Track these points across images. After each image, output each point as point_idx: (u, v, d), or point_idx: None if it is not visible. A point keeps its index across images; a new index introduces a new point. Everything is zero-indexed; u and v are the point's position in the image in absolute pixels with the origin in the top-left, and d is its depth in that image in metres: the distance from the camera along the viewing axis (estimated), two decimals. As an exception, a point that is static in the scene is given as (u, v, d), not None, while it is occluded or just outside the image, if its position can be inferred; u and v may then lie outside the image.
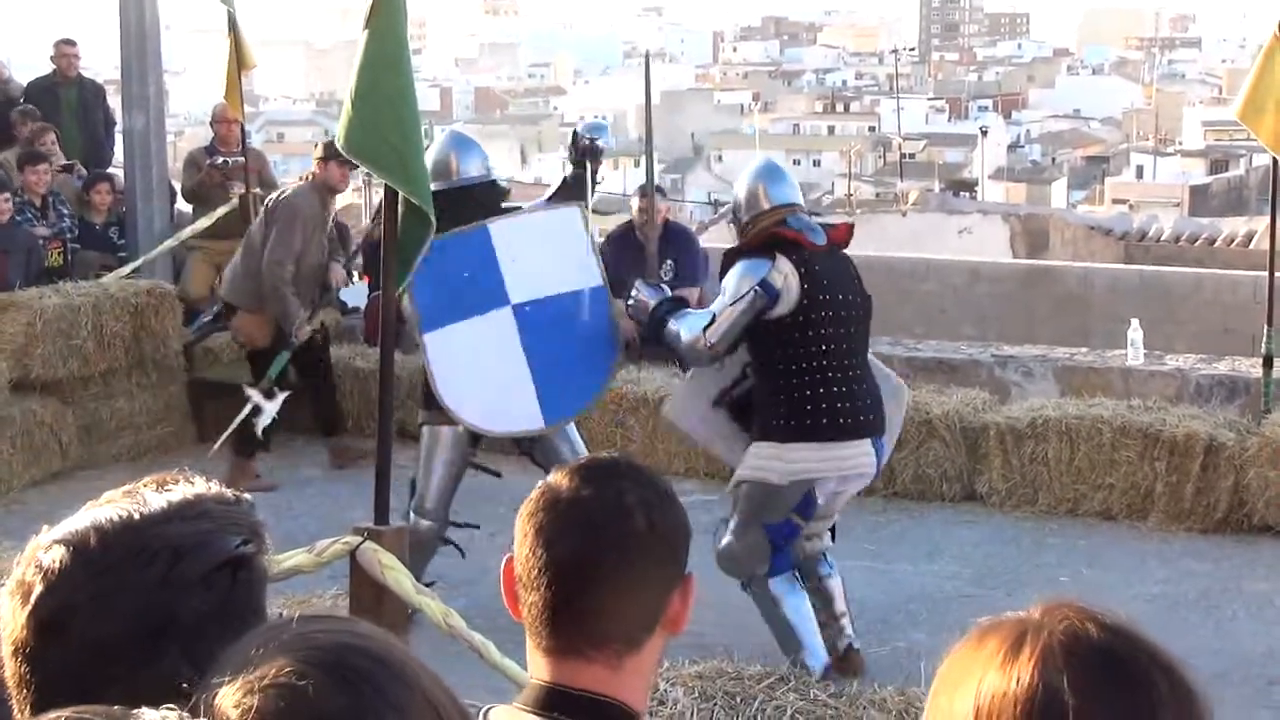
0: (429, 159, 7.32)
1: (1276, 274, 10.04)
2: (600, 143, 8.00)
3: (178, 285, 12.16)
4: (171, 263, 12.93)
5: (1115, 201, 44.24)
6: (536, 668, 2.26)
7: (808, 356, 6.88)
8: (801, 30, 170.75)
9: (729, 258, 7.08)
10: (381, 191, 5.83)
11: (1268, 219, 10.44)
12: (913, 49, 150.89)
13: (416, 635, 5.67)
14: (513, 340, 7.37)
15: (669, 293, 7.52)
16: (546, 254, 7.50)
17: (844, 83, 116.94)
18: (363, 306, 12.15)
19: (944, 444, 9.84)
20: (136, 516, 1.76)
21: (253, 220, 12.47)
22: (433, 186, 7.15)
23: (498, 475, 8.03)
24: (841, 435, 6.91)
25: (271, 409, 9.62)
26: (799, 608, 7.12)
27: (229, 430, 9.91)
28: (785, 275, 6.84)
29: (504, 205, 8.07)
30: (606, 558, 2.21)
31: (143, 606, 1.71)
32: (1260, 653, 7.59)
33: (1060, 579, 8.51)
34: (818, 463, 6.93)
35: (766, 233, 7.00)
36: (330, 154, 9.84)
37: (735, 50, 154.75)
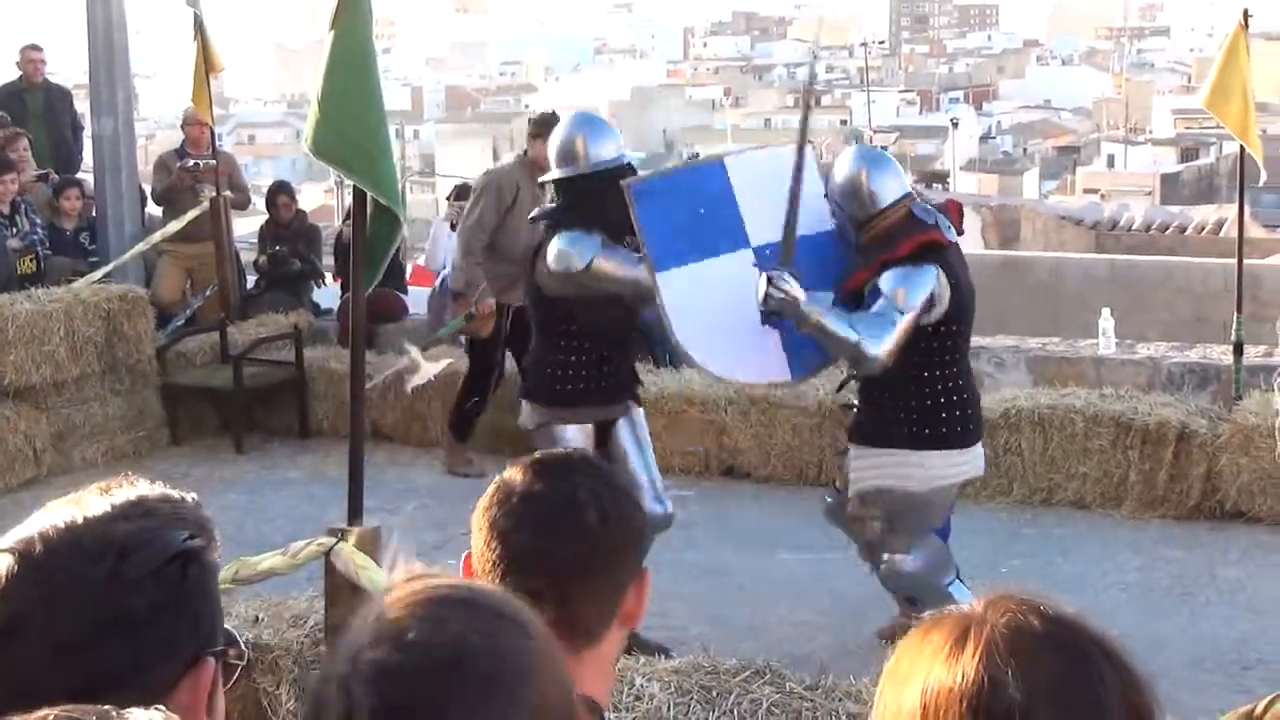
0: (553, 143, 7.18)
1: (1245, 261, 10.11)
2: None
3: (149, 289, 12.14)
4: (143, 267, 12.91)
5: (1087, 191, 44.37)
6: None
7: (944, 364, 6.76)
8: (772, 25, 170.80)
9: (884, 266, 6.62)
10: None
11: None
12: (883, 42, 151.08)
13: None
14: (755, 284, 6.60)
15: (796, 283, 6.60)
16: (782, 195, 6.73)
17: (815, 76, 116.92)
18: (335, 308, 12.15)
19: (918, 436, 9.85)
20: (80, 520, 1.79)
21: (223, 223, 12.48)
22: (557, 174, 7.12)
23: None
24: (970, 441, 6.86)
25: (427, 371, 9.55)
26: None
27: (380, 378, 9.92)
28: (943, 286, 6.62)
29: None
30: (559, 553, 2.25)
31: (93, 605, 1.73)
32: (1234, 638, 7.63)
33: (1002, 570, 8.53)
34: (954, 468, 6.85)
35: (920, 240, 6.63)
36: (541, 130, 9.05)
37: (706, 45, 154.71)
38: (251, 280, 13.73)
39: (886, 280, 6.59)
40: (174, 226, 12.54)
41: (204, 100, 12.60)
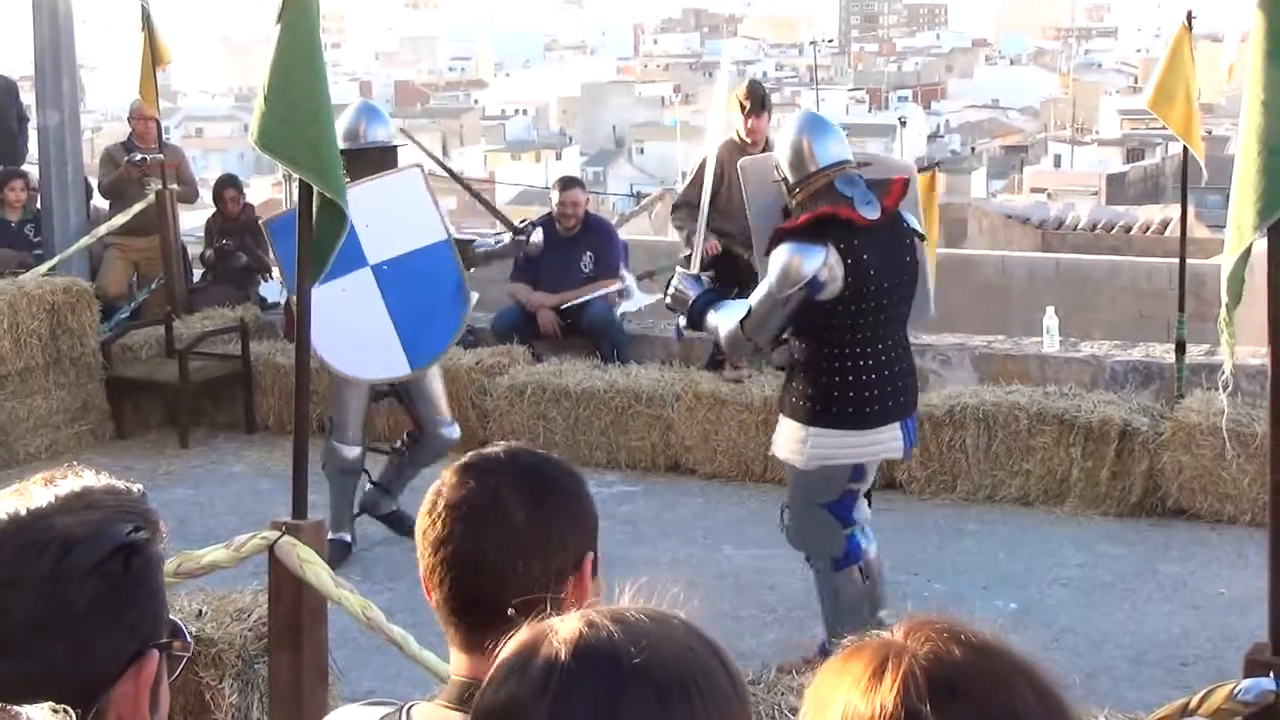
0: (340, 124, 7.90)
1: (1189, 261, 10.19)
2: None
3: (95, 282, 12.07)
4: (88, 260, 12.84)
5: (1034, 190, 44.55)
6: (455, 664, 2.32)
7: (844, 343, 6.64)
8: (722, 22, 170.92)
9: (777, 237, 6.62)
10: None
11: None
12: (832, 40, 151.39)
13: (336, 629, 5.67)
14: (374, 297, 8.17)
15: (705, 283, 7.14)
16: (396, 215, 8.23)
17: (764, 74, 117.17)
18: (282, 302, 12.10)
19: (863, 432, 9.89)
20: (23, 512, 1.77)
21: (169, 217, 12.42)
22: (342, 146, 7.74)
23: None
24: (869, 422, 6.71)
25: (638, 300, 10.91)
26: (856, 606, 6.93)
27: (589, 296, 11.04)
28: (830, 267, 6.47)
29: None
30: (488, 553, 2.27)
31: (35, 599, 1.72)
32: (1175, 634, 7.69)
33: (928, 593, 8.57)
34: (844, 449, 6.75)
35: (816, 213, 6.53)
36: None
37: (656, 42, 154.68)
38: (198, 274, 13.67)
39: (776, 255, 6.56)
40: (120, 220, 12.48)
41: (150, 93, 12.53)
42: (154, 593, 1.82)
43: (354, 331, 8.13)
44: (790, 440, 6.84)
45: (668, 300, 7.18)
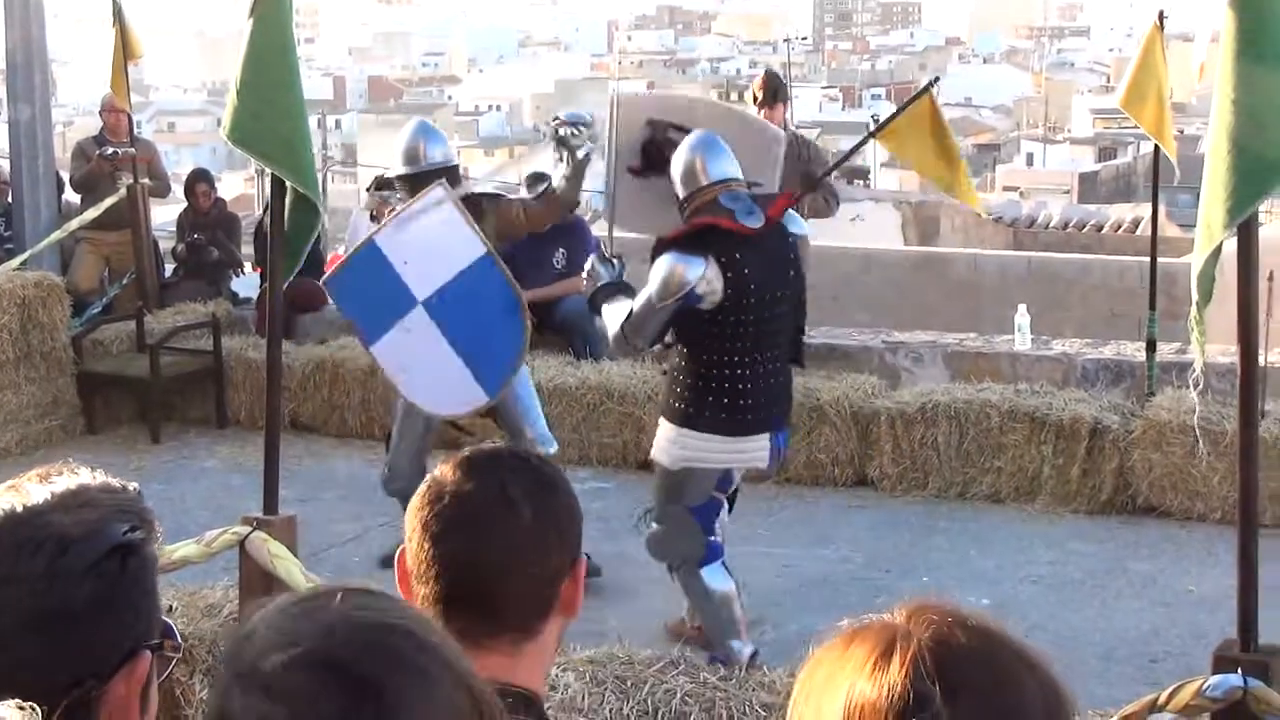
0: (400, 146, 8.40)
1: (1160, 259, 10.22)
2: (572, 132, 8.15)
3: (66, 277, 12.04)
4: (60, 254, 12.80)
5: (1006, 189, 44.70)
6: None
7: (722, 351, 6.78)
8: (696, 19, 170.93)
9: (660, 247, 6.82)
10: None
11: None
12: (806, 38, 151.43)
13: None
14: (433, 331, 7.83)
15: (618, 271, 7.32)
16: (430, 243, 7.92)
17: (738, 71, 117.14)
18: (254, 297, 12.08)
19: (835, 429, 9.92)
20: (20, 509, 1.76)
21: (141, 211, 12.38)
22: (403, 170, 8.37)
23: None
24: (739, 430, 6.85)
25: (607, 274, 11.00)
26: (730, 595, 7.04)
27: None
28: (709, 280, 6.64)
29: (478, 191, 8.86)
30: (492, 552, 2.24)
31: (30, 598, 1.71)
32: (1144, 630, 7.72)
33: (899, 590, 8.60)
34: (711, 453, 6.88)
35: (699, 224, 6.77)
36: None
37: (630, 39, 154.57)
38: (169, 269, 13.63)
39: (658, 264, 6.75)
40: (91, 214, 12.44)
41: (122, 87, 12.49)
42: (148, 593, 1.80)
43: (427, 370, 7.93)
44: (662, 439, 7.00)
45: (584, 278, 7.44)
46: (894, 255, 15.25)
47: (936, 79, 9.99)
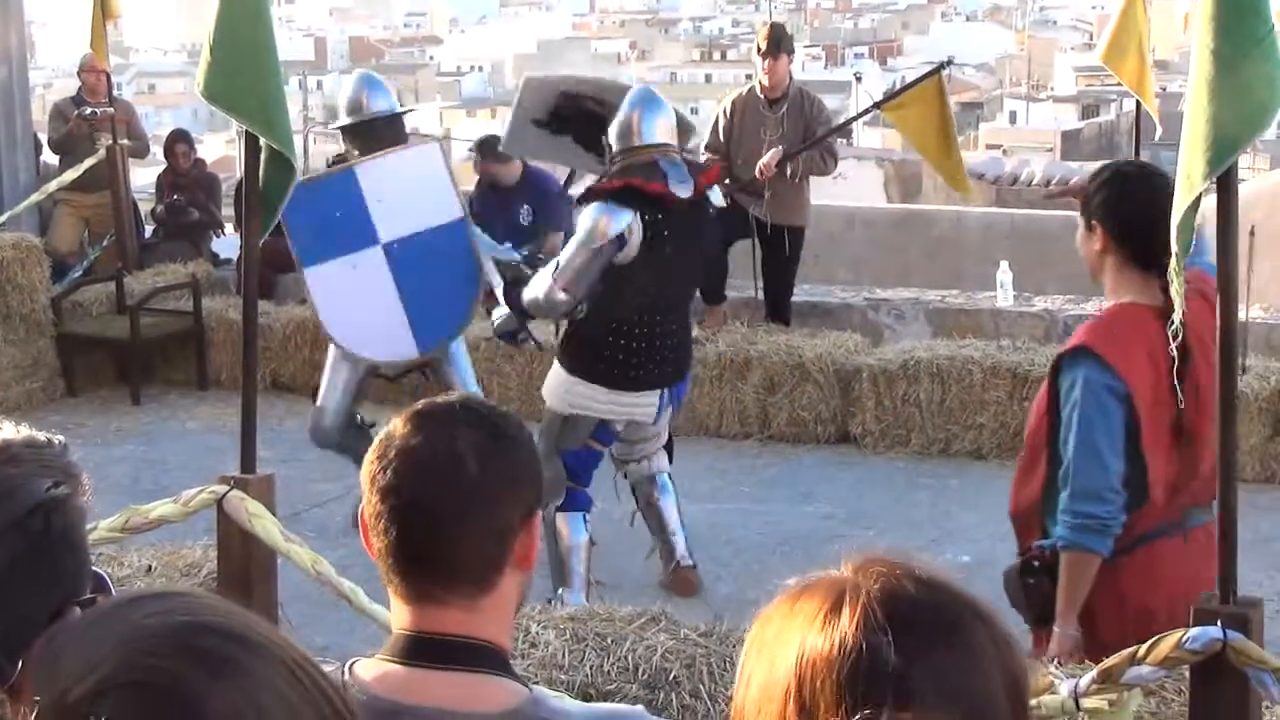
0: (343, 98, 8.38)
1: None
2: None
3: (45, 238, 11.99)
4: (38, 215, 12.74)
5: (989, 147, 44.63)
6: (398, 616, 2.28)
7: (622, 306, 6.95)
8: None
9: (587, 197, 7.04)
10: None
11: (1133, 161, 10.60)
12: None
13: (290, 585, 5.65)
14: (385, 276, 7.91)
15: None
16: (410, 191, 7.99)
17: (721, 30, 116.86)
18: (234, 258, 12.03)
19: (818, 387, 9.92)
20: None
21: (120, 172, 12.32)
22: (346, 120, 8.28)
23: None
24: (625, 385, 7.04)
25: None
26: (577, 547, 7.26)
27: None
28: (633, 231, 6.82)
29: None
30: (441, 504, 2.23)
31: None
32: (1125, 586, 7.73)
33: (880, 547, 8.61)
34: (596, 404, 7.06)
35: (626, 180, 6.89)
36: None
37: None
38: (149, 230, 13.58)
39: (585, 213, 6.93)
40: (70, 175, 12.37)
41: (101, 47, 12.40)
42: (75, 547, 1.78)
43: (362, 309, 7.98)
44: (552, 382, 7.19)
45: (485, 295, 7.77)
46: (876, 213, 15.22)
47: (950, 60, 9.94)
